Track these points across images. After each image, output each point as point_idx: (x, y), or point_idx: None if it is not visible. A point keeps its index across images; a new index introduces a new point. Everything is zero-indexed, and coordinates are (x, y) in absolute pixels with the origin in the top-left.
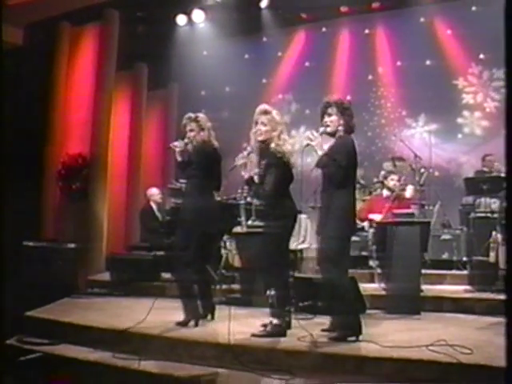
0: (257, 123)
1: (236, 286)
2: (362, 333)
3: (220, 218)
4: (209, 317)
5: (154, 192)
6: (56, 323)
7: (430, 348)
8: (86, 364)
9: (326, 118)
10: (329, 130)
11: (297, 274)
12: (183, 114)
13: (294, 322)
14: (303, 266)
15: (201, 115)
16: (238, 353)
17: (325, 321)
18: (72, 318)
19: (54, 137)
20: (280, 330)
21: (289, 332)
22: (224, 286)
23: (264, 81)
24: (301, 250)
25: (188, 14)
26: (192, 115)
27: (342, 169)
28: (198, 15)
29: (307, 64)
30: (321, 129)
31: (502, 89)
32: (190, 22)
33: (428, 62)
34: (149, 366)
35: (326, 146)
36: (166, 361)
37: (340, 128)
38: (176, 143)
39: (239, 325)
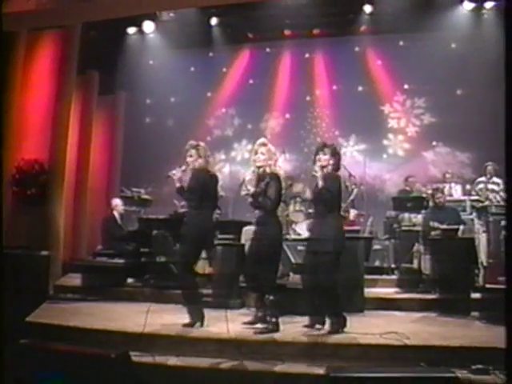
0: (256, 153)
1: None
2: (346, 326)
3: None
4: None
5: (118, 203)
6: (59, 327)
7: (383, 336)
8: None
9: (321, 156)
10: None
11: None
12: (130, 121)
13: None
14: None
15: (202, 144)
16: (238, 346)
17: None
18: (76, 322)
19: (9, 140)
20: (276, 327)
21: None
22: None
23: (209, 94)
24: None
25: (138, 25)
26: (194, 143)
27: (335, 198)
28: (148, 26)
29: (251, 81)
30: (318, 163)
31: (422, 116)
32: (140, 31)
33: (360, 88)
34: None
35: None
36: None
37: (330, 166)
38: (174, 171)
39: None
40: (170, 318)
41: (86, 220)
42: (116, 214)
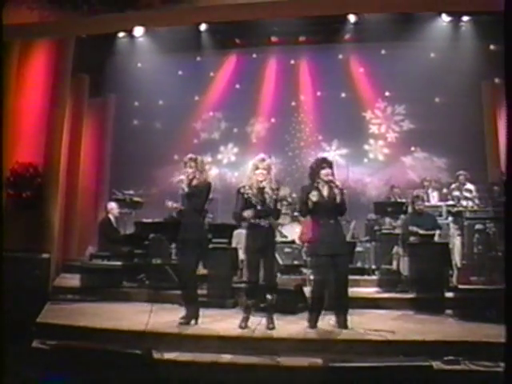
0: (258, 168)
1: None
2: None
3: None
4: None
5: (114, 206)
6: (70, 327)
7: (367, 332)
8: None
9: (328, 170)
10: (327, 178)
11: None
12: (119, 123)
13: None
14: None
15: (199, 158)
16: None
17: None
18: (86, 322)
19: (4, 144)
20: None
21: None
22: None
23: (196, 98)
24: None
25: (129, 30)
26: (193, 156)
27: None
28: (138, 30)
29: (237, 86)
30: (326, 178)
31: (401, 122)
32: (130, 34)
33: (343, 95)
34: None
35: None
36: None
37: (332, 178)
38: (182, 177)
39: (224, 322)
40: (169, 316)
41: (76, 221)
42: (111, 217)
